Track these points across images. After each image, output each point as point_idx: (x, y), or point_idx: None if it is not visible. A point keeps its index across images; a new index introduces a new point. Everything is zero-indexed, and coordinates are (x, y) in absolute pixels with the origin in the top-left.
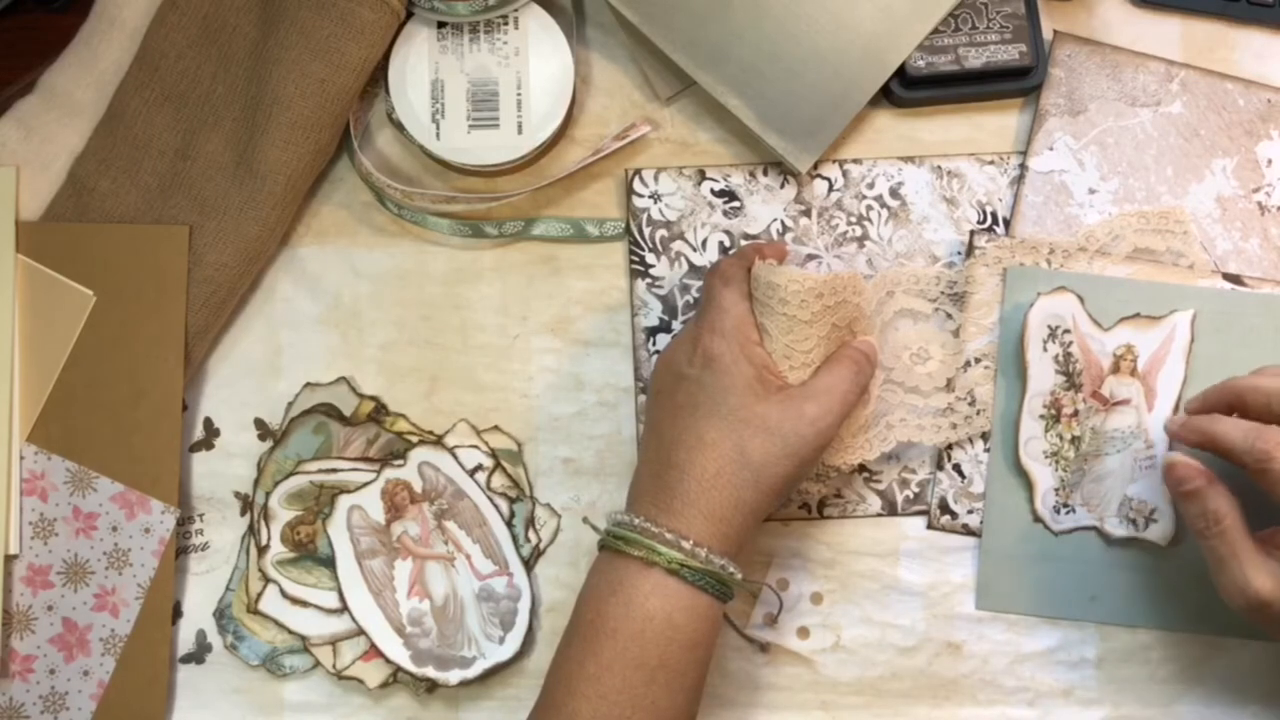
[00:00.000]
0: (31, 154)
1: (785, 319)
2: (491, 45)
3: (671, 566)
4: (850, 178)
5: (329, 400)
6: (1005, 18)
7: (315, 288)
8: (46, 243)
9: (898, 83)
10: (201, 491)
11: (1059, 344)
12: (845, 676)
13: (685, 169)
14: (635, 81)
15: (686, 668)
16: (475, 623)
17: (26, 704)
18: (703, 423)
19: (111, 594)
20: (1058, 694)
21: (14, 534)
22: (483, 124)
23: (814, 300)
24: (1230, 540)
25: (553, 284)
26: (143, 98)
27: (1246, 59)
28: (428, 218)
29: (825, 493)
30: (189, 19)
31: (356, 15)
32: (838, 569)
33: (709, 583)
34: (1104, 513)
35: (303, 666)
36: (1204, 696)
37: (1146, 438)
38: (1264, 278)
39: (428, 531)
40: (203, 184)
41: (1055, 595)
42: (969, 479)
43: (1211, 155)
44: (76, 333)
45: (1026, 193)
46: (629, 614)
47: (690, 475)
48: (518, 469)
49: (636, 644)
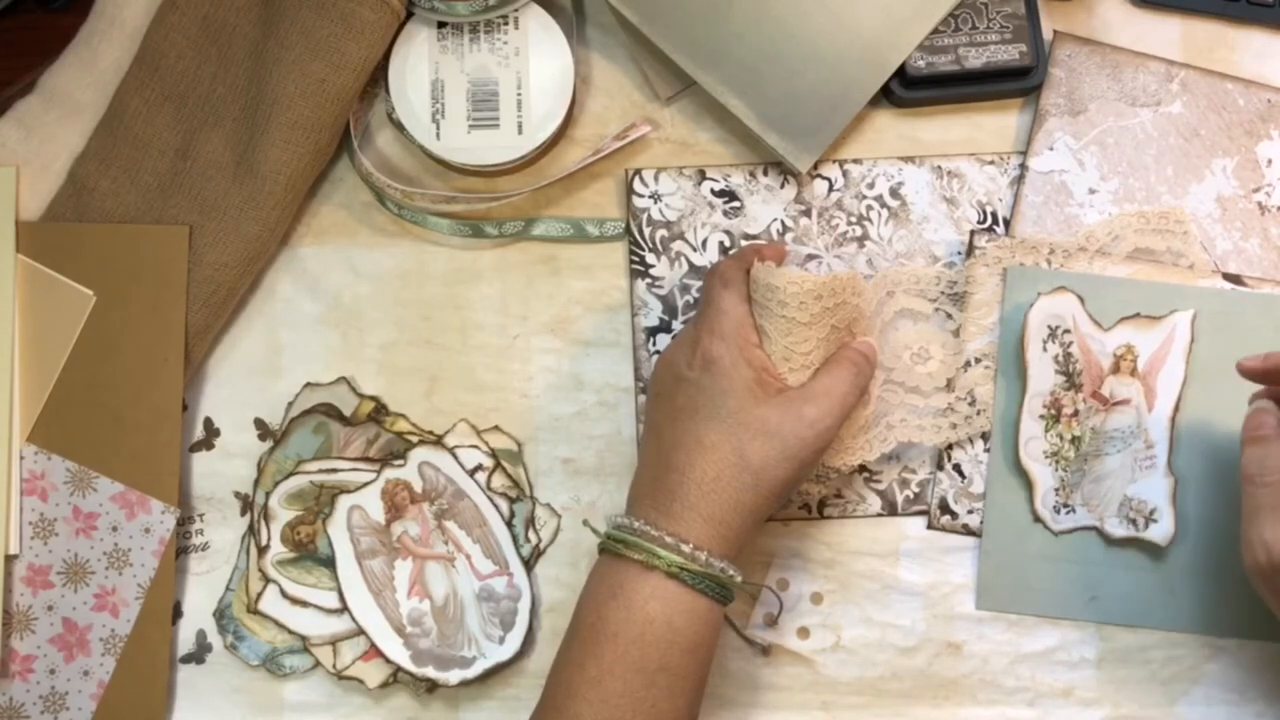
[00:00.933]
0: (31, 154)
1: (784, 321)
2: (491, 45)
3: (672, 570)
4: (850, 178)
5: (329, 400)
6: (1005, 18)
7: (315, 288)
8: (46, 243)
9: (898, 83)
10: (201, 491)
11: (1059, 344)
12: (845, 676)
13: (685, 169)
14: (635, 81)
15: (687, 670)
16: (475, 623)
17: (26, 704)
18: (702, 426)
19: (111, 594)
20: (1058, 694)
21: (14, 534)
22: (483, 124)
23: (813, 302)
24: (1276, 494)
25: (553, 284)
26: (143, 98)
27: (1246, 59)
28: (428, 218)
29: (825, 493)
30: (189, 19)
31: (356, 15)
32: (838, 569)
33: (709, 586)
34: (1104, 513)
35: (303, 666)
36: (1204, 696)
37: (1146, 438)
38: (1264, 278)
39: (428, 531)
40: (203, 184)
41: (1055, 595)
42: (969, 479)
43: (1211, 155)
44: (76, 333)
45: (1026, 193)
46: (629, 617)
47: (690, 479)
48: (518, 469)
49: (637, 647)
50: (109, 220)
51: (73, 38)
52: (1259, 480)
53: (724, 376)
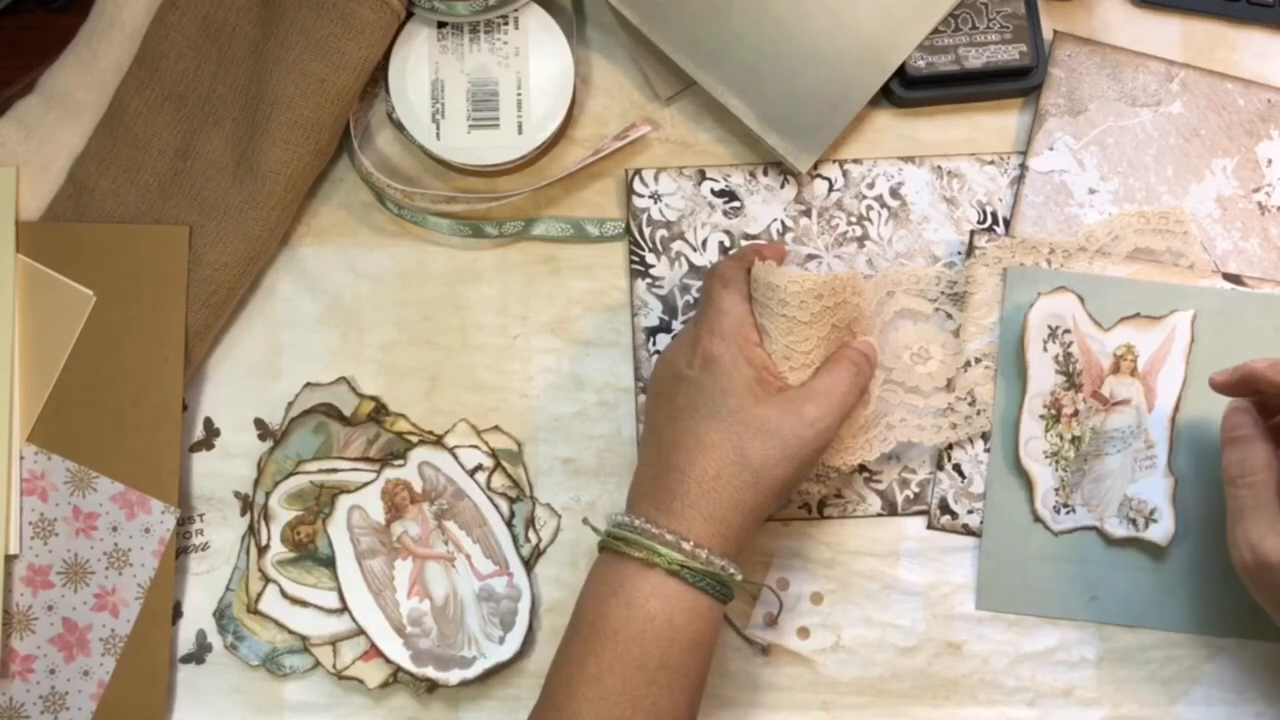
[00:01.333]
0: (31, 154)
1: (785, 320)
2: (491, 45)
3: (672, 568)
4: (850, 178)
5: (329, 400)
6: (1005, 18)
7: (315, 288)
8: (46, 243)
9: (898, 83)
10: (201, 491)
11: (1059, 344)
12: (845, 676)
13: (685, 169)
14: (635, 81)
15: (687, 669)
16: (475, 623)
17: (26, 704)
18: (702, 425)
19: (111, 594)
20: (1058, 694)
21: (14, 534)
22: (483, 124)
23: (813, 301)
24: (1258, 495)
25: (553, 284)
26: (143, 98)
27: (1246, 59)
28: (428, 218)
29: (825, 493)
30: (189, 19)
31: (356, 15)
32: (838, 569)
33: (709, 584)
34: (1104, 513)
35: (303, 666)
36: (1203, 696)
37: (1146, 438)
38: (1264, 278)
39: (428, 531)
40: (203, 184)
41: (1055, 595)
42: (969, 479)
43: (1211, 155)
44: (76, 333)
45: (1026, 193)
46: (630, 615)
47: (690, 477)
48: (518, 469)
49: (637, 645)
50: (109, 220)
51: (73, 38)
52: (1241, 481)
53: (724, 375)
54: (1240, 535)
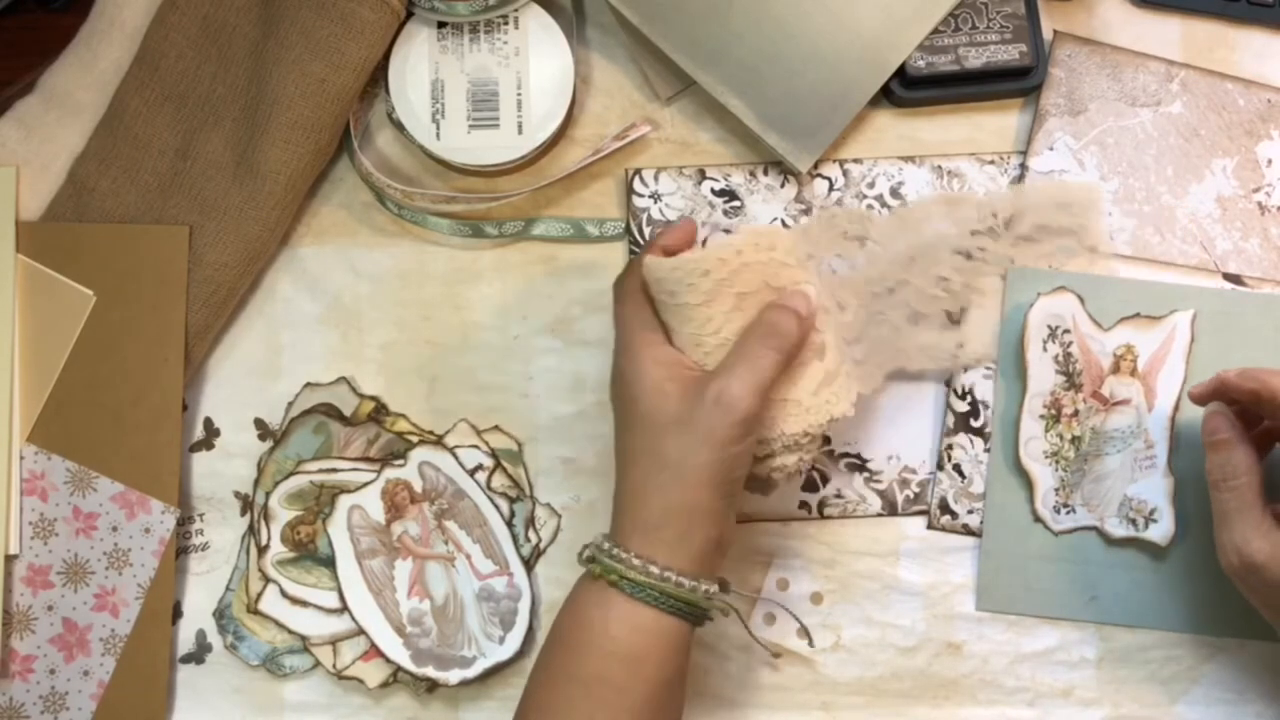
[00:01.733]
0: (31, 154)
1: (678, 308)
2: (491, 45)
3: (611, 577)
4: (850, 177)
5: (329, 400)
6: (1005, 18)
7: (315, 288)
8: (46, 243)
9: (898, 83)
10: (201, 491)
11: (1059, 344)
12: (845, 676)
13: (685, 169)
14: (635, 81)
15: (627, 685)
16: (475, 622)
17: (26, 704)
18: (625, 438)
19: (111, 594)
20: (1058, 694)
21: (14, 534)
22: (483, 124)
23: (701, 279)
24: (1241, 497)
25: (553, 284)
26: (143, 98)
27: (1246, 59)
28: (428, 218)
29: (825, 493)
30: (189, 19)
31: (356, 15)
32: (838, 569)
33: (649, 595)
34: (1104, 513)
35: (303, 666)
36: (1203, 696)
37: (1146, 438)
38: (1264, 278)
39: (428, 531)
40: (203, 184)
41: (1055, 595)
42: (969, 479)
43: (1211, 155)
44: (76, 333)
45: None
46: (572, 623)
47: (624, 490)
48: (518, 469)
49: (575, 654)
50: (109, 220)
51: (73, 38)
52: (1224, 485)
53: (632, 385)
54: (1226, 539)
